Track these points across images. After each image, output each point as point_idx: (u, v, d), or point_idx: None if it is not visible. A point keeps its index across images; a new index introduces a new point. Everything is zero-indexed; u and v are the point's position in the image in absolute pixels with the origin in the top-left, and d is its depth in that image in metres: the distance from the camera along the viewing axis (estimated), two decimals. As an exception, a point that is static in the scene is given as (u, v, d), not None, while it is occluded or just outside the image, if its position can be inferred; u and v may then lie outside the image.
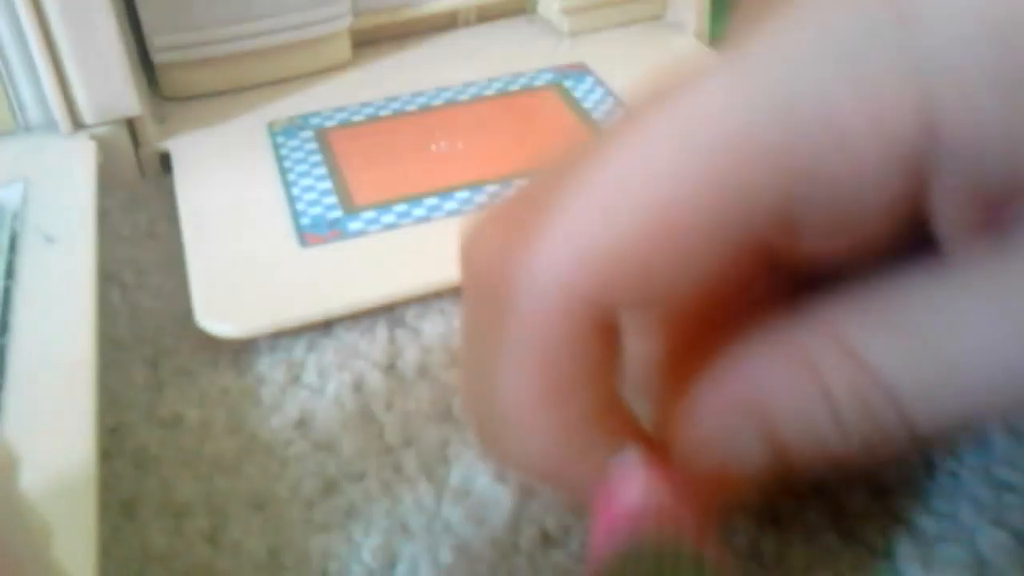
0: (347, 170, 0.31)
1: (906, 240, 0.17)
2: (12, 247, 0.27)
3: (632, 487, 0.17)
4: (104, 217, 0.30)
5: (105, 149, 0.32)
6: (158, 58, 0.35)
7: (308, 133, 0.33)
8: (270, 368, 0.25)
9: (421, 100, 0.35)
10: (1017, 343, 0.17)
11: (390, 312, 0.27)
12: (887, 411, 0.17)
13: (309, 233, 0.29)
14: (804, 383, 0.18)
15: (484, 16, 0.40)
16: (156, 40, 0.35)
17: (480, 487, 0.22)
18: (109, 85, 0.32)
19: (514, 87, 0.35)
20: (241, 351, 0.26)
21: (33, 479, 0.15)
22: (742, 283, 0.18)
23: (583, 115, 0.34)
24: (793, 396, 0.18)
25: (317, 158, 0.32)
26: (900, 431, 0.18)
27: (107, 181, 0.32)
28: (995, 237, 0.17)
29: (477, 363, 0.19)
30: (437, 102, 0.35)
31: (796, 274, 0.19)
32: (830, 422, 0.18)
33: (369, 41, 0.39)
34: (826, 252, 0.18)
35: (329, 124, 0.34)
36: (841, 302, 0.18)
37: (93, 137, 0.32)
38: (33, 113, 0.32)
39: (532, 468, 0.19)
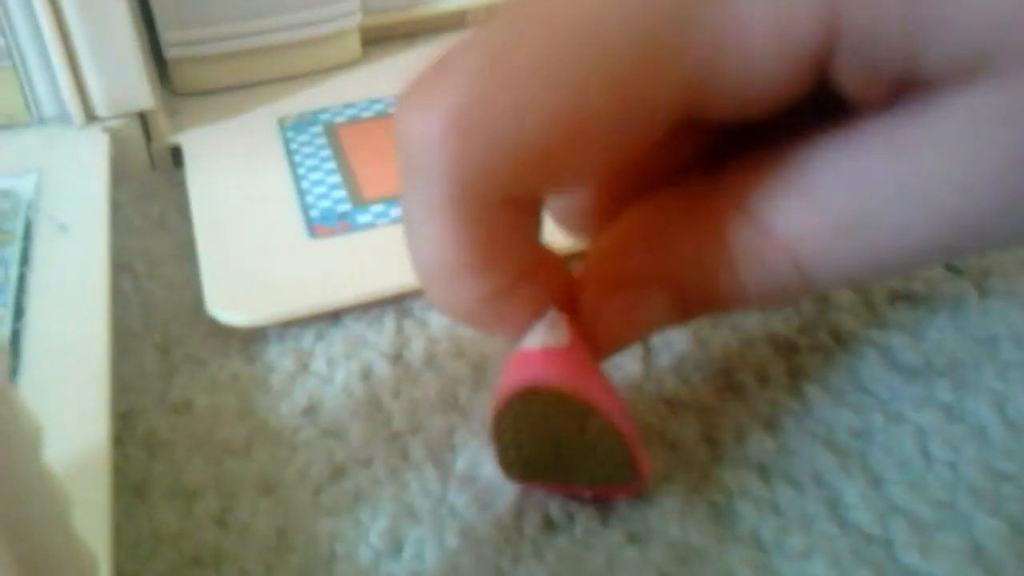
0: (356, 164, 0.32)
1: (818, 98, 0.19)
2: (27, 235, 0.28)
3: (540, 339, 0.20)
4: (116, 208, 0.31)
5: (118, 142, 0.33)
6: (171, 53, 0.36)
7: (318, 128, 0.34)
8: (279, 356, 0.26)
9: (429, 97, 0.35)
10: (907, 204, 0.18)
11: (398, 303, 0.27)
12: (787, 270, 0.19)
13: (318, 225, 0.29)
14: (711, 250, 0.19)
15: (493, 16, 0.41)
16: (169, 35, 0.35)
17: (485, 474, 0.22)
18: (122, 79, 0.32)
19: (521, 85, 0.36)
20: (251, 339, 0.26)
21: (47, 462, 0.15)
22: (664, 144, 0.19)
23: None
24: (700, 264, 0.20)
25: (327, 152, 0.32)
26: (798, 286, 0.19)
27: (119, 173, 0.32)
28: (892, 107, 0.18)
29: (411, 227, 0.20)
30: (445, 99, 0.35)
31: (718, 129, 0.20)
32: (731, 282, 0.20)
33: (379, 39, 0.39)
34: (735, 118, 0.19)
35: (339, 120, 0.34)
36: (750, 171, 0.19)
37: (106, 130, 0.33)
38: (48, 106, 0.33)
39: (463, 321, 0.21)
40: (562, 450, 0.20)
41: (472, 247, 0.19)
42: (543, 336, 0.20)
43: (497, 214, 0.18)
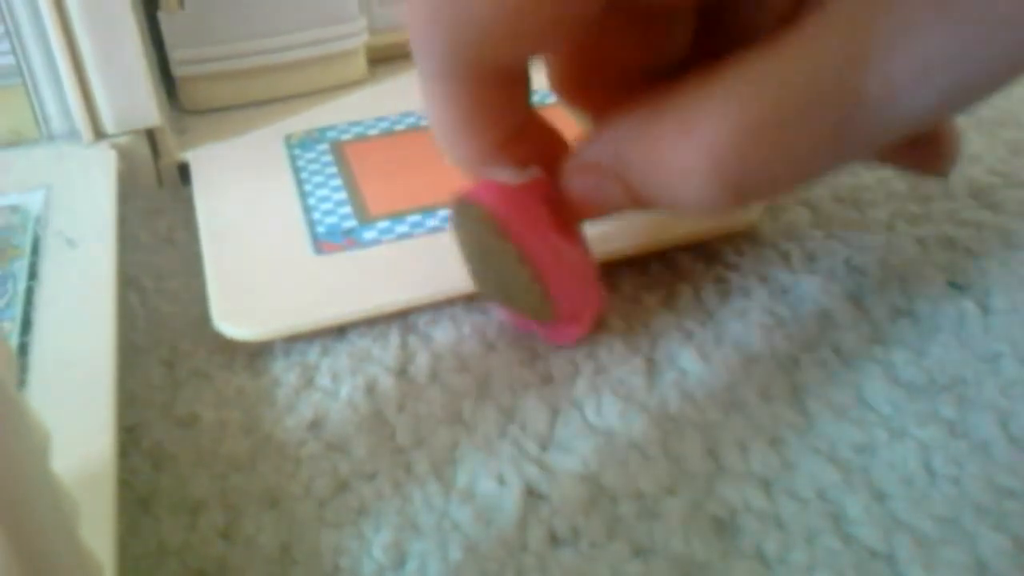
0: (362, 181, 0.32)
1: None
2: (35, 250, 0.28)
3: (497, 175, 0.23)
4: (124, 224, 0.31)
5: (125, 158, 0.33)
6: (178, 71, 0.36)
7: (324, 146, 0.34)
8: (285, 371, 0.26)
9: (435, 115, 0.36)
10: (813, 102, 0.19)
11: (403, 319, 0.27)
12: (711, 182, 0.21)
13: (324, 241, 0.29)
14: (653, 162, 0.22)
15: (497, 36, 0.41)
16: (177, 54, 0.36)
17: (488, 488, 0.22)
18: (131, 96, 0.33)
19: (526, 104, 0.36)
20: (256, 354, 0.26)
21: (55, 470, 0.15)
22: (635, 41, 0.23)
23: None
24: (644, 172, 0.22)
25: (333, 170, 0.33)
26: (723, 199, 0.21)
27: (127, 189, 0.32)
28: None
29: (424, 96, 0.23)
30: (450, 118, 0.35)
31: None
32: (667, 191, 0.22)
33: (385, 58, 0.40)
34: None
35: (345, 137, 0.35)
36: (688, 87, 0.21)
37: (114, 146, 0.33)
38: (57, 122, 0.33)
39: (464, 169, 0.24)
40: (495, 271, 0.24)
41: (464, 112, 0.22)
42: (501, 174, 0.23)
43: (481, 83, 0.22)
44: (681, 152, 0.21)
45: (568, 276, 0.24)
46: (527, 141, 0.24)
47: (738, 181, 0.20)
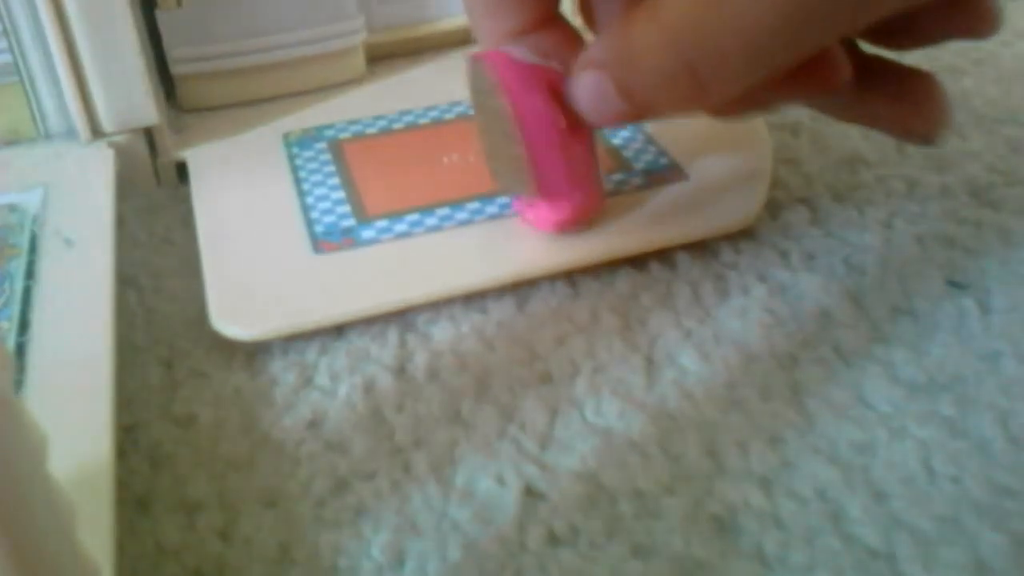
0: (360, 180, 0.32)
1: None
2: (32, 249, 0.28)
3: (520, 53, 0.26)
4: (121, 223, 0.31)
5: (123, 157, 0.33)
6: (176, 70, 0.36)
7: (322, 144, 0.34)
8: (283, 370, 0.26)
9: (433, 114, 0.36)
10: None
11: (401, 317, 0.27)
12: (675, 64, 0.23)
13: (323, 240, 0.29)
14: (627, 48, 0.23)
15: (496, 34, 0.41)
16: (175, 52, 0.35)
17: (487, 488, 0.22)
18: (128, 95, 0.33)
19: (525, 102, 0.36)
20: (254, 353, 0.26)
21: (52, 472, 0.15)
22: None
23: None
24: (627, 54, 0.23)
25: (331, 168, 0.33)
26: (689, 83, 0.23)
27: (125, 188, 0.32)
28: None
29: None
30: (449, 116, 0.35)
31: None
32: (642, 80, 0.23)
33: (383, 56, 0.40)
34: None
35: (343, 136, 0.35)
36: None
37: (111, 145, 0.33)
38: (54, 121, 0.33)
39: (484, 47, 0.27)
40: (492, 134, 0.26)
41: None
42: (516, 51, 0.26)
43: None
44: (645, 30, 0.22)
45: (555, 154, 0.26)
46: (547, 37, 0.26)
47: (691, 57, 0.22)
